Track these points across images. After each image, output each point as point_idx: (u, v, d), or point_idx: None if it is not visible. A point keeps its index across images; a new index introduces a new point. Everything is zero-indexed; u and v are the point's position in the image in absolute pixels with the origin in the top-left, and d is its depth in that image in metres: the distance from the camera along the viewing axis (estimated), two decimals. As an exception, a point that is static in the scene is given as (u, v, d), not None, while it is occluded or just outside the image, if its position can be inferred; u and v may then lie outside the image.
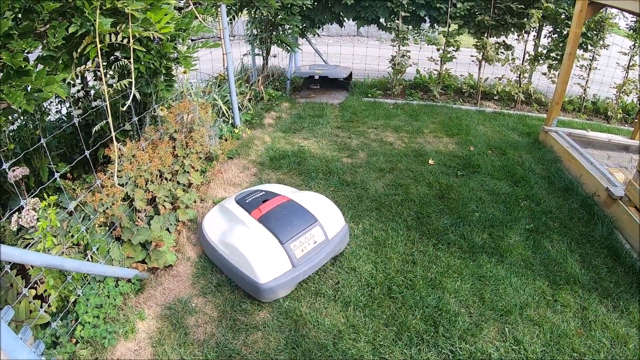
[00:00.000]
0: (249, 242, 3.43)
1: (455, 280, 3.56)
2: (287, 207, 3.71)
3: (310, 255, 3.48)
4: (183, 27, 3.34)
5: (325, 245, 3.58)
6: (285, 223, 3.53)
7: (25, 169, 3.12)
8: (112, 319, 3.09)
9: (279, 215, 3.61)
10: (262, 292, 3.23)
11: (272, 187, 4.21)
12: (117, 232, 3.41)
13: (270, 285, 3.24)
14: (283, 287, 3.30)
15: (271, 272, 3.28)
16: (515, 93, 7.85)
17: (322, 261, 3.54)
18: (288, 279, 3.30)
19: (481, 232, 4.16)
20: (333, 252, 3.64)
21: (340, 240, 3.71)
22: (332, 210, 3.90)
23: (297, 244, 3.46)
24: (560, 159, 5.66)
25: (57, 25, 2.43)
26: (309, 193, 4.12)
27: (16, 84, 2.17)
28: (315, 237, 3.56)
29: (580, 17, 5.50)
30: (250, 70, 8.02)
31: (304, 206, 3.74)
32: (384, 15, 7.94)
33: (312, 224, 3.60)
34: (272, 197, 3.87)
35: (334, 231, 3.71)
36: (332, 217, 3.80)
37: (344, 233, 3.80)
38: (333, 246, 3.63)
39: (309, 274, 3.47)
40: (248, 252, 3.34)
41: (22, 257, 2.33)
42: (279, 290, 3.29)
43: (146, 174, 3.68)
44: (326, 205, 3.92)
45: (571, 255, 3.90)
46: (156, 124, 4.24)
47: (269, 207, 3.70)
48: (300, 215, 3.64)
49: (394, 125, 6.70)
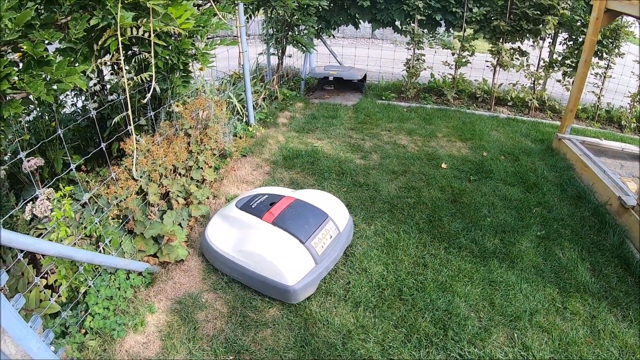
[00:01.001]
0: (270, 246, 3.39)
1: (466, 285, 3.55)
2: (297, 207, 3.71)
3: (329, 250, 3.55)
4: (202, 24, 3.35)
5: (339, 239, 3.69)
6: (300, 222, 3.54)
7: (40, 159, 3.14)
8: (122, 311, 3.10)
9: (292, 216, 3.60)
10: (292, 294, 3.23)
11: (272, 190, 4.16)
12: (129, 225, 3.42)
13: (300, 286, 3.24)
14: (310, 286, 3.32)
15: (298, 273, 3.28)
16: (529, 99, 7.81)
17: (340, 254, 3.65)
18: (314, 276, 3.33)
19: (492, 237, 4.14)
20: (346, 243, 3.78)
21: (349, 232, 3.84)
22: (338, 204, 3.98)
23: (317, 240, 3.49)
24: (573, 167, 5.62)
25: (79, 18, 2.44)
26: (310, 191, 4.16)
27: (37, 73, 2.19)
28: (330, 231, 3.63)
29: (597, 24, 5.47)
30: (265, 70, 8.04)
31: (313, 203, 3.77)
32: (399, 18, 7.93)
33: (325, 219, 3.66)
34: (278, 199, 3.84)
35: (343, 224, 3.81)
36: (340, 211, 3.89)
37: (351, 225, 3.94)
38: (345, 238, 3.75)
39: (331, 268, 3.54)
40: (272, 256, 3.30)
41: (36, 245, 2.35)
42: (307, 289, 3.30)
43: (160, 168, 3.70)
44: (332, 200, 4.00)
45: (582, 263, 3.87)
46: (171, 119, 4.26)
47: (280, 209, 3.68)
48: (312, 213, 3.67)
49: (408, 129, 6.69)
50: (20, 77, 2.18)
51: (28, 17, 2.10)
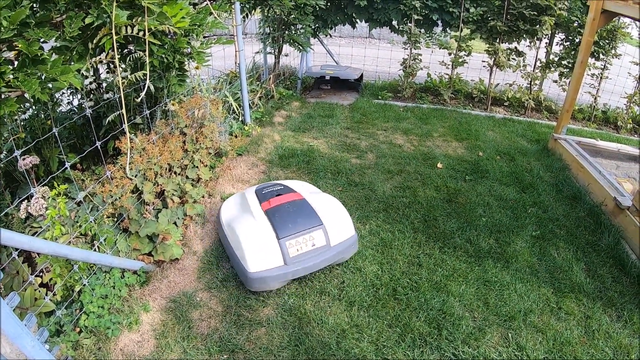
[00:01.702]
0: (248, 230, 3.45)
1: (460, 284, 3.55)
2: (296, 205, 3.67)
3: (305, 256, 3.42)
4: (197, 23, 3.35)
5: (324, 251, 3.50)
6: (288, 220, 3.51)
7: (35, 157, 3.14)
8: (117, 310, 3.11)
9: (285, 211, 3.59)
10: (249, 280, 3.28)
11: (294, 184, 4.16)
12: (124, 223, 3.43)
13: (258, 276, 3.26)
14: (271, 281, 3.30)
15: (261, 264, 3.29)
16: (526, 100, 7.82)
17: (318, 265, 3.46)
18: (277, 274, 3.30)
19: (487, 237, 4.15)
20: (333, 259, 3.54)
21: (344, 250, 3.60)
22: (343, 218, 3.76)
23: (294, 242, 3.42)
24: (569, 167, 5.63)
25: (74, 16, 2.45)
26: (327, 197, 4.01)
27: (31, 72, 2.19)
28: (315, 240, 3.49)
29: (593, 25, 5.48)
30: (262, 69, 8.03)
31: (314, 208, 3.67)
32: (396, 17, 7.94)
33: (316, 226, 3.53)
34: (287, 192, 3.85)
35: (338, 239, 3.60)
36: (341, 225, 3.68)
37: (351, 243, 3.66)
38: (334, 254, 3.52)
39: (302, 274, 3.42)
40: (245, 239, 3.38)
41: (30, 244, 2.35)
42: (266, 282, 3.30)
43: (156, 167, 3.70)
44: (338, 212, 3.79)
45: (577, 264, 3.88)
46: (167, 118, 4.26)
47: (279, 202, 3.69)
48: (306, 215, 3.59)
49: (404, 128, 6.70)
50: (15, 76, 2.18)
51: (23, 16, 2.11)
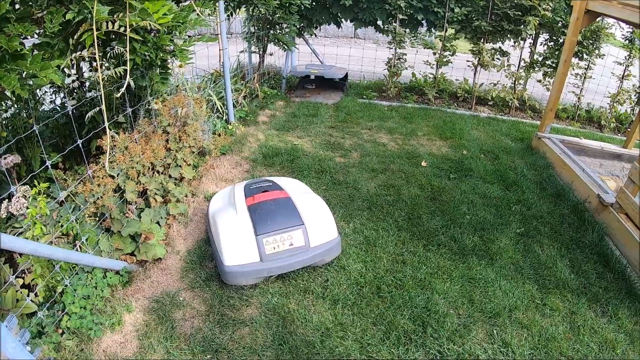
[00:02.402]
0: (228, 224, 3.49)
1: (445, 282, 3.56)
2: (280, 204, 3.65)
3: (281, 255, 3.41)
4: (181, 20, 3.33)
5: (302, 251, 3.47)
6: (268, 217, 3.51)
7: (17, 156, 3.10)
8: (99, 311, 3.07)
9: (267, 209, 3.58)
10: (224, 273, 3.32)
11: (284, 182, 4.15)
12: (107, 223, 3.39)
13: (233, 270, 3.29)
14: (246, 276, 3.33)
15: (237, 258, 3.33)
16: (510, 99, 7.88)
17: (295, 265, 3.45)
18: (252, 269, 3.32)
19: (472, 235, 4.17)
20: (311, 261, 3.51)
21: (324, 252, 3.56)
22: (326, 220, 3.71)
23: (271, 240, 3.41)
24: (553, 165, 5.68)
25: (55, 12, 2.42)
26: (313, 197, 3.96)
27: (11, 67, 2.16)
28: (293, 239, 3.47)
29: (577, 25, 5.53)
30: (246, 68, 8.00)
31: (297, 208, 3.65)
32: (381, 17, 7.96)
33: (295, 226, 3.50)
34: (274, 189, 3.85)
35: (319, 241, 3.55)
36: (323, 227, 3.64)
37: (333, 245, 3.61)
38: (312, 255, 3.49)
39: (277, 272, 3.43)
40: (223, 232, 3.42)
41: (11, 243, 2.32)
42: (241, 277, 3.33)
43: (138, 166, 3.67)
44: (321, 213, 3.74)
45: (561, 260, 3.92)
46: (150, 117, 4.22)
47: (263, 198, 3.69)
48: (287, 214, 3.57)
49: (388, 127, 6.71)
50: (-6, 72, 2.15)
51: (3, 10, 2.08)
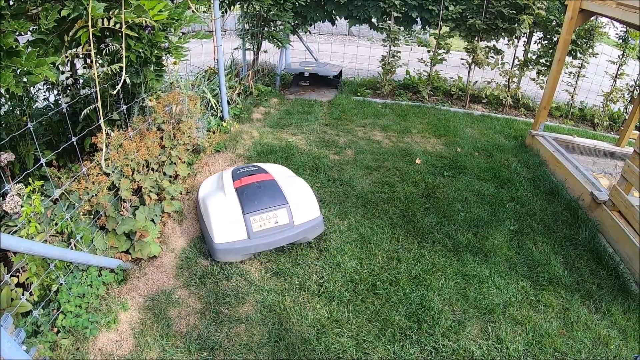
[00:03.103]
0: (218, 205, 3.70)
1: (440, 278, 3.58)
2: (265, 185, 3.86)
3: (267, 232, 3.62)
4: (176, 17, 3.32)
5: (287, 229, 3.69)
6: (255, 197, 3.72)
7: (10, 154, 3.08)
8: (95, 309, 3.06)
9: (253, 190, 3.79)
10: (214, 250, 3.53)
11: (269, 167, 4.34)
12: (101, 221, 3.38)
13: (223, 247, 3.51)
14: (234, 253, 3.55)
15: (226, 236, 3.54)
16: (504, 97, 7.91)
17: (280, 242, 3.67)
18: (240, 246, 3.53)
19: (466, 232, 4.19)
20: (295, 237, 3.72)
21: (308, 229, 3.77)
22: (309, 199, 3.93)
23: (258, 218, 3.62)
24: (546, 163, 5.71)
25: (50, 8, 2.41)
26: (296, 180, 4.16)
27: (6, 64, 2.15)
28: (278, 217, 3.68)
29: (571, 24, 5.55)
30: (241, 65, 7.99)
31: (282, 189, 3.86)
32: (376, 15, 7.96)
33: (280, 205, 3.72)
34: (260, 173, 4.06)
35: (302, 219, 3.77)
36: (306, 206, 3.86)
37: (315, 224, 3.83)
38: (296, 232, 3.71)
39: (263, 249, 3.65)
40: (213, 212, 3.63)
41: (6, 242, 2.31)
42: (230, 254, 3.55)
43: (133, 163, 3.66)
44: (304, 194, 3.96)
45: (554, 257, 3.94)
46: (144, 114, 4.21)
47: (250, 181, 3.90)
48: (272, 195, 3.78)
49: (382, 124, 6.72)
50: (-12, 69, 2.14)
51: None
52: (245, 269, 3.58)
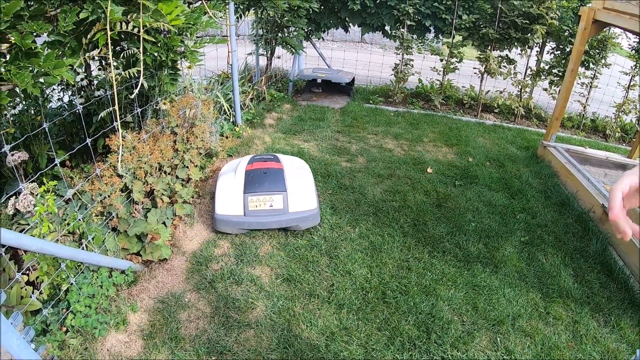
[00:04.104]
0: (226, 182, 4.16)
1: (449, 288, 3.56)
2: (271, 172, 4.20)
3: (261, 213, 3.98)
4: (192, 22, 3.33)
5: (280, 214, 3.99)
6: (257, 181, 4.08)
7: (24, 153, 3.10)
8: (104, 310, 3.07)
9: (259, 174, 4.15)
10: (214, 220, 3.99)
11: (286, 158, 4.70)
12: (113, 222, 3.39)
13: (221, 219, 3.95)
14: (230, 225, 3.97)
15: (226, 209, 3.98)
16: (516, 107, 7.88)
17: (272, 224, 3.99)
18: (236, 221, 3.95)
19: (477, 242, 4.16)
20: (287, 223, 4.01)
21: (301, 218, 4.03)
22: (308, 192, 4.19)
23: (255, 199, 3.98)
24: (558, 174, 5.68)
25: (68, 10, 2.42)
26: (304, 173, 4.46)
27: (24, 65, 2.16)
28: (274, 202, 4.00)
29: (584, 34, 5.52)
30: (254, 70, 8.01)
31: (285, 178, 4.15)
32: (389, 22, 7.96)
33: (278, 191, 4.03)
34: (272, 161, 4.42)
35: (297, 208, 4.04)
36: (303, 197, 4.11)
37: (309, 215, 4.07)
38: (289, 219, 3.99)
39: (255, 227, 3.99)
40: (220, 188, 4.13)
41: (18, 240, 2.31)
42: (226, 225, 3.97)
43: (146, 166, 3.67)
44: (305, 186, 4.24)
45: (565, 269, 3.91)
46: (158, 117, 4.23)
47: (259, 166, 4.28)
48: (274, 181, 4.10)
49: (394, 133, 6.71)
50: (7, 69, 2.15)
51: (17, 8, 2.08)
52: (256, 274, 3.58)
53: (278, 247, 3.92)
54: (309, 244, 3.97)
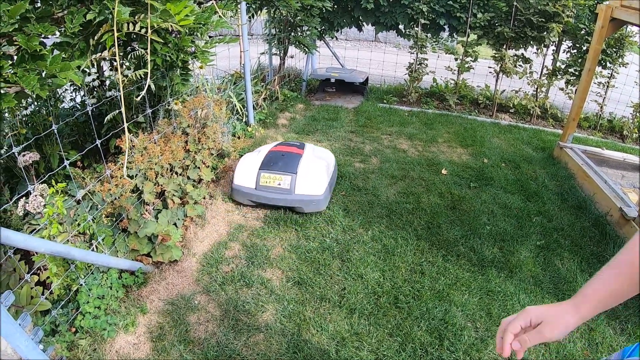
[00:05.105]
0: (247, 159, 4.59)
1: (463, 294, 3.50)
2: (289, 156, 4.57)
3: (269, 189, 4.33)
4: (202, 22, 3.30)
5: (284, 193, 4.31)
6: (273, 161, 4.48)
7: (35, 154, 3.10)
8: (113, 311, 3.05)
9: (277, 156, 4.56)
10: (231, 190, 4.49)
11: (311, 147, 4.98)
12: (123, 223, 3.37)
13: (236, 188, 4.41)
14: (243, 196, 4.40)
15: (241, 180, 4.41)
16: (532, 107, 7.77)
17: (277, 202, 4.32)
18: (248, 192, 4.36)
19: (491, 246, 4.10)
20: (291, 203, 4.30)
21: (305, 201, 4.30)
22: (318, 180, 4.41)
23: (266, 176, 4.36)
24: (574, 176, 5.58)
25: (75, 12, 2.40)
26: (320, 163, 4.64)
27: (30, 67, 2.14)
28: (282, 181, 4.34)
29: (602, 33, 5.42)
30: (267, 70, 7.99)
31: (300, 163, 4.48)
32: (403, 21, 7.89)
33: (288, 173, 4.37)
34: (296, 147, 4.79)
35: (303, 191, 4.32)
36: (311, 183, 4.36)
37: (314, 200, 4.31)
38: (293, 199, 4.29)
39: (263, 202, 4.35)
40: (241, 162, 4.55)
41: (26, 242, 2.30)
42: (240, 195, 4.42)
43: (157, 167, 3.65)
44: (317, 175, 4.46)
45: (581, 275, 3.82)
46: (169, 117, 4.21)
47: (281, 149, 4.70)
48: (289, 164, 4.45)
49: (409, 133, 6.64)
50: (13, 71, 2.13)
51: (22, 10, 2.06)
52: (267, 276, 3.55)
53: (289, 249, 3.88)
54: (321, 246, 3.92)
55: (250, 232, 4.09)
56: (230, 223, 4.21)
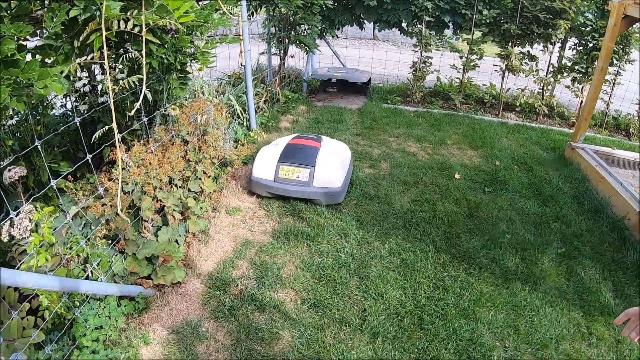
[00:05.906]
0: (266, 151, 4.70)
1: (489, 310, 3.27)
2: (307, 149, 4.65)
3: (287, 181, 4.44)
4: (203, 19, 3.03)
5: (303, 185, 4.42)
6: (292, 154, 4.58)
7: (22, 168, 2.81)
8: (113, 343, 2.78)
9: (295, 149, 4.66)
10: (250, 182, 4.57)
11: (328, 140, 5.08)
12: (120, 245, 3.09)
13: (256, 180, 4.50)
14: (261, 188, 4.50)
15: (260, 173, 4.50)
16: (539, 105, 7.56)
17: (294, 193, 4.42)
18: (267, 184, 4.47)
19: (513, 256, 3.88)
20: (309, 195, 4.41)
21: (322, 194, 4.41)
22: (335, 174, 4.48)
23: (285, 168, 4.46)
24: (588, 178, 5.38)
25: (57, 8, 2.09)
26: (338, 158, 4.69)
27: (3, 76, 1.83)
28: (300, 174, 4.45)
29: (614, 30, 5.24)
30: (266, 70, 7.73)
31: (318, 156, 4.55)
32: (406, 19, 7.66)
33: (306, 166, 4.46)
34: (313, 140, 4.85)
35: (320, 184, 4.42)
36: (329, 176, 4.44)
37: (331, 192, 4.42)
38: (311, 191, 4.40)
39: (280, 193, 4.45)
40: (260, 155, 4.64)
41: (13, 278, 2.02)
42: (259, 187, 4.52)
43: (155, 180, 3.36)
44: (334, 168, 4.51)
45: (604, 284, 3.65)
46: (167, 124, 3.93)
47: (299, 142, 4.77)
48: (307, 157, 4.53)
49: (416, 135, 6.41)
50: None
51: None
52: (280, 298, 3.28)
53: (302, 266, 3.61)
54: (336, 262, 3.66)
55: (259, 248, 3.82)
56: (236, 238, 3.92)
